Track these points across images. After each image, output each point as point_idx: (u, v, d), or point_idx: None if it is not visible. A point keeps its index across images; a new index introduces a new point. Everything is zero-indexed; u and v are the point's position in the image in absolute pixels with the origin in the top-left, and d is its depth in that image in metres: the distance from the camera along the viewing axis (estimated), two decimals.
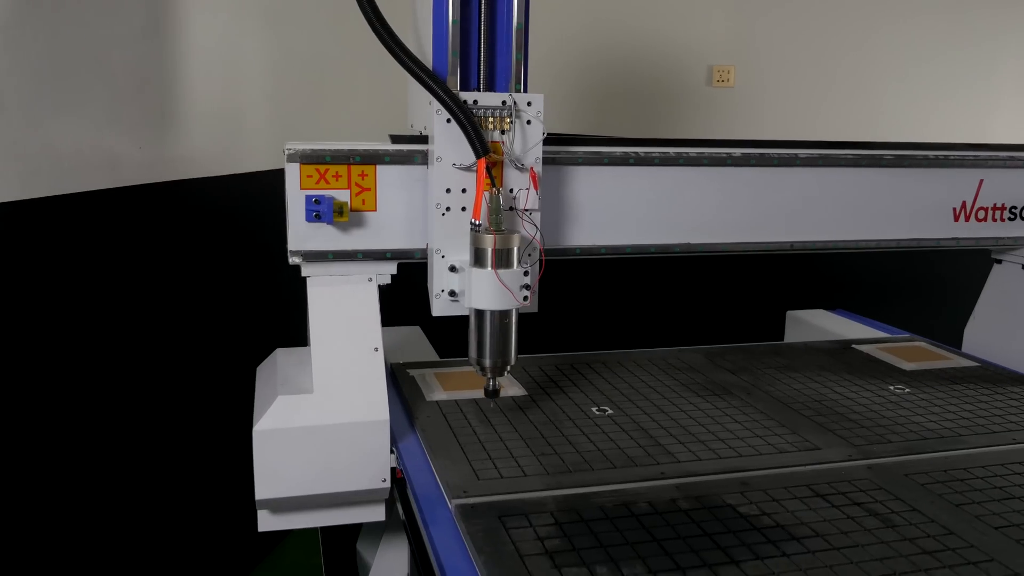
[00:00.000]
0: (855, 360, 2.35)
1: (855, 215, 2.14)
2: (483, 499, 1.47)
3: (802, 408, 1.95)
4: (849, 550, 1.34)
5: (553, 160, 1.85)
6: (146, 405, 2.72)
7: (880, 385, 2.14)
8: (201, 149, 2.89)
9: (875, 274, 4.12)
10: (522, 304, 1.65)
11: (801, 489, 1.54)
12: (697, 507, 1.46)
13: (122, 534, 2.63)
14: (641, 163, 1.94)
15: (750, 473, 1.60)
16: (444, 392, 1.97)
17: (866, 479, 1.59)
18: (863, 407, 1.97)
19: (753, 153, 2.02)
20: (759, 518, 1.43)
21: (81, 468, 2.47)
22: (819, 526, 1.41)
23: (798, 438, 1.78)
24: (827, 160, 2.07)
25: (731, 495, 1.51)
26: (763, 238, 2.08)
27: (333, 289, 1.79)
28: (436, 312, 1.76)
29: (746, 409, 1.94)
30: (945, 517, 1.45)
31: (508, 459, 1.63)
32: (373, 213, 1.78)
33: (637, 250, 1.99)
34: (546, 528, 1.37)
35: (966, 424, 1.88)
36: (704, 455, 1.68)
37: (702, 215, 2.01)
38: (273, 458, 1.63)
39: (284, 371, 1.81)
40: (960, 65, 4.18)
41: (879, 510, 1.47)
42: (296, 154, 1.72)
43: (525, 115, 1.70)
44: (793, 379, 2.17)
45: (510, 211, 1.70)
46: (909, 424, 1.88)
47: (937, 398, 2.05)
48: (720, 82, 3.69)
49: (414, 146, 1.79)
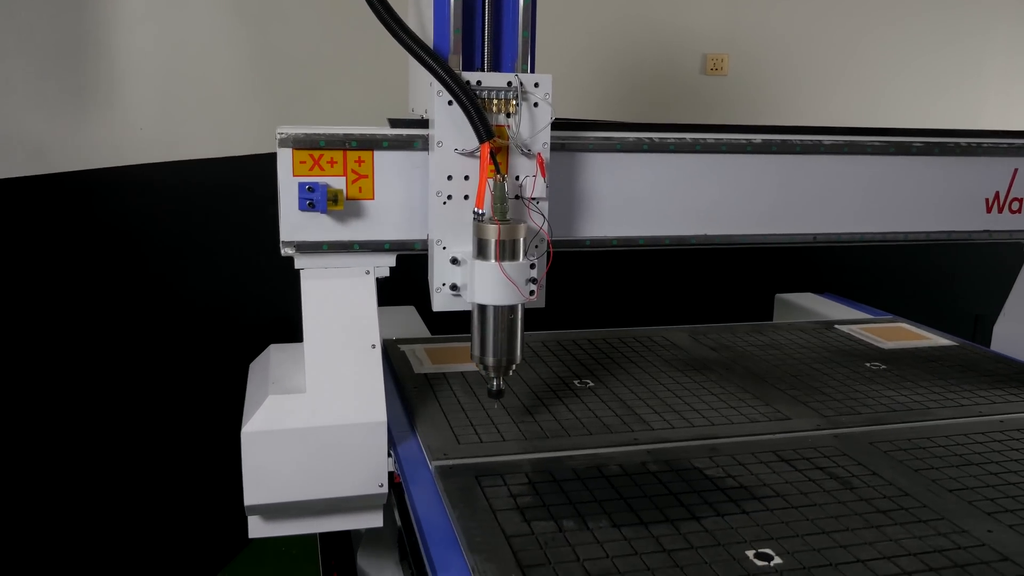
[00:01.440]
0: (835, 339, 2.42)
1: (882, 206, 2.02)
2: (462, 461, 1.55)
3: (777, 382, 2.02)
4: (806, 508, 1.41)
5: (562, 146, 1.75)
6: (125, 403, 2.77)
7: (857, 362, 2.20)
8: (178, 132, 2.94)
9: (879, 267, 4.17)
10: (528, 299, 1.57)
11: (767, 455, 1.61)
12: (665, 470, 1.53)
13: (103, 528, 2.68)
14: (656, 149, 1.82)
15: (720, 440, 1.68)
16: (432, 365, 2.05)
17: (831, 446, 1.66)
18: (837, 382, 2.04)
19: (774, 140, 1.90)
20: (723, 480, 1.50)
21: (61, 462, 2.52)
22: (780, 487, 1.48)
23: (771, 409, 1.85)
24: (853, 147, 1.95)
25: (699, 459, 1.58)
26: (784, 230, 1.96)
27: (328, 282, 1.69)
28: (437, 307, 1.67)
29: (723, 383, 2.01)
30: (903, 481, 1.52)
31: (488, 426, 1.70)
32: (370, 202, 1.68)
33: (651, 242, 1.88)
34: (519, 487, 1.45)
35: (935, 398, 1.95)
36: (677, 424, 1.75)
37: (720, 205, 1.90)
38: (263, 461, 1.55)
39: (277, 369, 1.73)
40: (951, 56, 4.22)
41: (840, 474, 1.54)
42: (288, 138, 1.62)
43: (532, 97, 1.59)
44: (772, 356, 2.23)
45: (516, 200, 1.61)
46: (880, 398, 1.94)
47: (911, 374, 2.11)
48: (714, 70, 3.75)
49: (414, 131, 1.69)
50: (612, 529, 1.32)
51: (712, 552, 1.26)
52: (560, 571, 1.20)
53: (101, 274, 2.65)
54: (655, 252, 2.02)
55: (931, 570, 1.23)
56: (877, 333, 2.47)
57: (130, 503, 2.79)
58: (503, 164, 1.60)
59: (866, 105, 4.06)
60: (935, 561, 1.26)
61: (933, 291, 4.17)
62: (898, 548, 1.29)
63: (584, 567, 1.21)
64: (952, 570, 1.23)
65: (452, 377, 1.97)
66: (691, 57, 3.73)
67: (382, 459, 1.60)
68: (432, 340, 2.28)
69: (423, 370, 2.02)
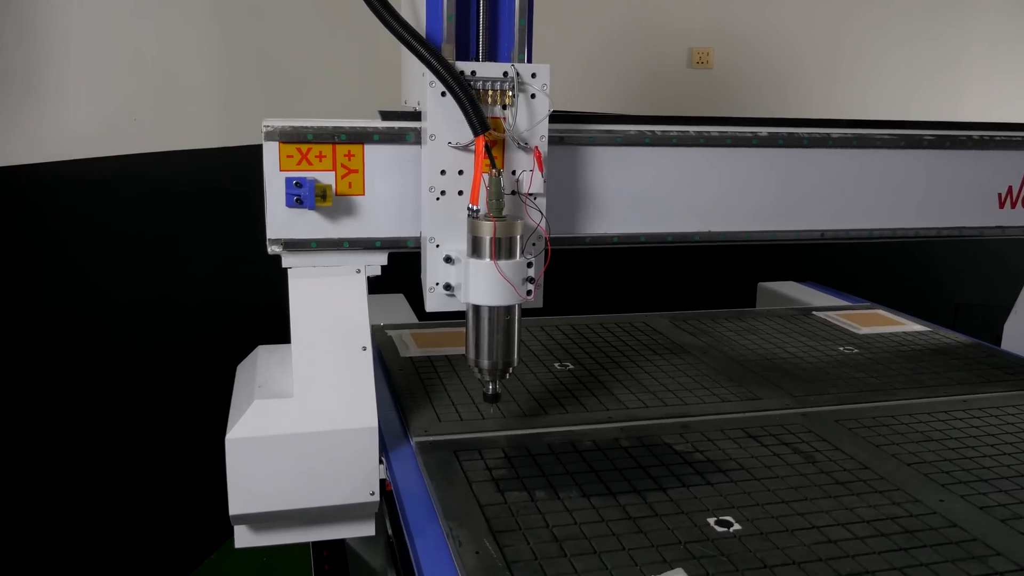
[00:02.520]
0: (812, 324, 2.48)
1: (891, 201, 1.94)
2: (441, 437, 1.61)
3: (752, 365, 2.09)
4: (769, 480, 1.48)
5: (560, 139, 1.67)
6: (109, 399, 2.82)
7: (831, 346, 2.27)
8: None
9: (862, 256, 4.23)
10: (525, 299, 1.51)
11: (736, 431, 1.68)
12: (637, 445, 1.60)
13: (79, 524, 2.71)
14: (658, 143, 1.75)
15: (691, 418, 1.74)
16: (418, 349, 2.12)
17: (798, 424, 1.73)
18: (810, 364, 2.11)
19: (781, 133, 1.84)
20: (692, 454, 1.57)
21: (38, 459, 2.57)
22: (746, 461, 1.55)
23: (743, 390, 1.91)
24: (862, 141, 1.88)
25: (670, 436, 1.65)
26: (791, 226, 1.89)
27: (317, 281, 1.62)
28: (430, 308, 1.60)
29: (699, 366, 2.07)
30: (863, 455, 1.59)
31: (469, 405, 1.77)
32: (361, 197, 1.62)
33: (653, 239, 1.81)
34: (496, 460, 1.52)
35: (903, 379, 2.01)
36: (651, 403, 1.82)
37: (724, 200, 1.83)
38: (248, 469, 1.49)
39: (264, 372, 1.67)
40: (932, 49, 4.28)
41: (804, 449, 1.61)
42: (275, 131, 1.54)
43: (529, 88, 1.52)
44: (749, 340, 2.30)
45: (512, 195, 1.54)
46: (850, 379, 2.01)
47: (882, 358, 2.18)
48: (699, 64, 3.81)
49: (406, 123, 1.62)
50: (581, 499, 1.39)
51: (675, 519, 1.33)
52: (530, 536, 1.27)
53: (86, 265, 2.71)
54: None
55: (882, 535, 1.30)
56: (853, 319, 2.54)
57: (109, 497, 2.86)
58: (499, 158, 1.53)
59: (850, 98, 4.12)
60: (886, 527, 1.32)
61: (914, 280, 4.23)
62: (852, 516, 1.36)
63: (552, 532, 1.28)
64: (902, 535, 1.30)
65: (437, 360, 2.04)
66: (677, 51, 3.80)
67: (373, 466, 1.54)
68: (418, 326, 2.35)
69: (409, 354, 2.09)
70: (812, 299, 2.91)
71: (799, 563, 1.22)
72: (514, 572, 1.17)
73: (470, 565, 1.19)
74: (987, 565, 1.22)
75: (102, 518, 2.79)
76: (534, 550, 1.23)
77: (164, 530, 3.04)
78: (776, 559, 1.23)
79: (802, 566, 1.21)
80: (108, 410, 2.78)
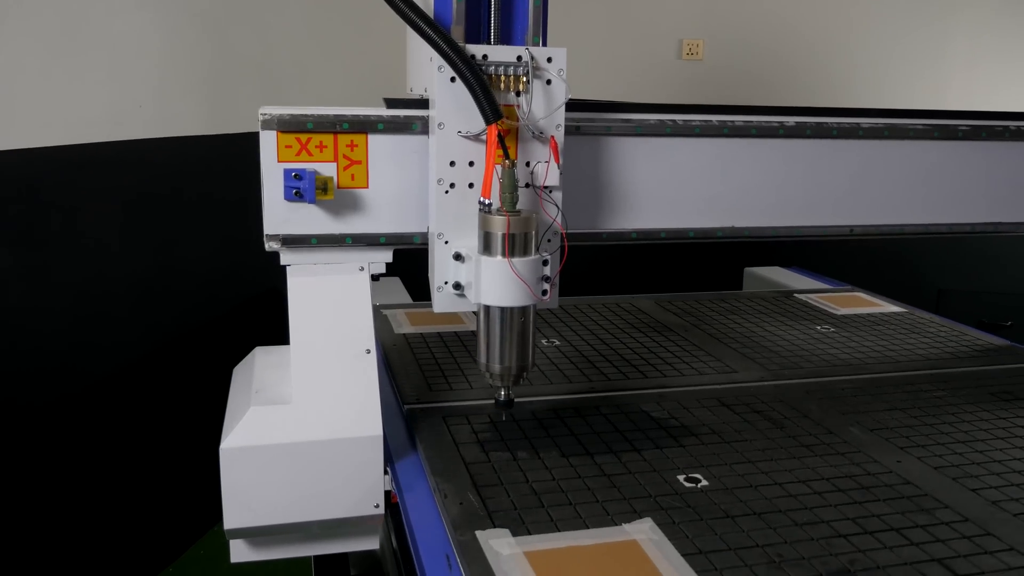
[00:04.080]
0: (793, 306, 2.57)
1: (923, 195, 1.86)
2: (431, 405, 1.71)
3: (731, 342, 2.18)
4: (738, 443, 1.57)
5: (576, 129, 1.59)
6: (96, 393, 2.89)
7: (809, 325, 2.36)
8: None
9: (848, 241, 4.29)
10: (540, 300, 1.43)
11: (711, 401, 1.78)
12: (615, 412, 1.70)
13: (50, 521, 2.72)
14: (679, 133, 1.67)
15: (668, 389, 1.84)
16: (411, 326, 2.21)
17: (770, 395, 1.82)
18: (787, 342, 2.20)
19: (809, 122, 1.75)
20: (666, 420, 1.67)
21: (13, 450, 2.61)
22: (718, 427, 1.64)
23: (721, 364, 2.01)
24: (894, 131, 1.79)
25: (647, 404, 1.74)
26: (817, 221, 1.81)
27: (317, 280, 1.54)
28: (438, 308, 1.52)
29: (681, 343, 2.17)
30: (830, 422, 1.68)
31: (459, 376, 1.86)
32: (364, 191, 1.53)
33: (673, 235, 1.73)
34: (482, 425, 1.61)
35: (875, 356, 2.11)
36: (632, 375, 1.91)
37: (748, 194, 1.75)
38: (244, 481, 1.41)
39: (261, 375, 1.59)
40: (916, 39, 4.36)
41: (773, 416, 1.70)
42: (272, 120, 1.45)
43: (545, 73, 1.44)
44: (731, 320, 2.39)
45: (526, 188, 1.46)
46: (824, 355, 2.10)
47: (857, 336, 2.27)
48: (690, 55, 3.90)
49: (413, 111, 1.53)
50: (561, 459, 1.48)
51: (647, 476, 1.43)
52: (511, 490, 1.36)
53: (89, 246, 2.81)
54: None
55: (839, 491, 1.39)
56: (833, 301, 2.63)
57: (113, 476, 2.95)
58: (512, 148, 1.45)
59: (839, 90, 4.20)
60: (844, 484, 1.42)
61: (898, 266, 4.31)
62: (813, 474, 1.45)
63: (532, 487, 1.37)
64: (858, 491, 1.39)
65: (429, 337, 2.13)
66: (667, 42, 3.88)
67: (378, 477, 1.46)
68: (413, 305, 2.44)
69: (402, 331, 2.18)
70: (796, 283, 2.99)
71: (759, 513, 1.31)
72: (495, 520, 1.27)
73: (454, 514, 1.28)
74: (934, 516, 1.32)
75: (105, 495, 2.88)
76: (514, 502, 1.33)
77: (159, 515, 3.14)
78: (739, 510, 1.32)
79: (762, 516, 1.30)
80: (110, 389, 2.87)
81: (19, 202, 2.55)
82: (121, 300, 2.89)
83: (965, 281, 3.92)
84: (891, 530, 1.27)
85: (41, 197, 2.60)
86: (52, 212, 2.63)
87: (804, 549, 1.21)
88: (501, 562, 1.16)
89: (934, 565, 1.18)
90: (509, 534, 1.23)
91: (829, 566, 1.17)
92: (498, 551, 1.18)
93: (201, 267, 3.22)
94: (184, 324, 3.15)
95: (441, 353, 2.01)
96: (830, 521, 1.29)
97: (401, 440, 1.60)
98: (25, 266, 2.57)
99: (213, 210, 3.24)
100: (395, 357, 1.97)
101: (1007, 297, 3.88)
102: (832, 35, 4.20)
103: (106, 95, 2.79)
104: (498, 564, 1.15)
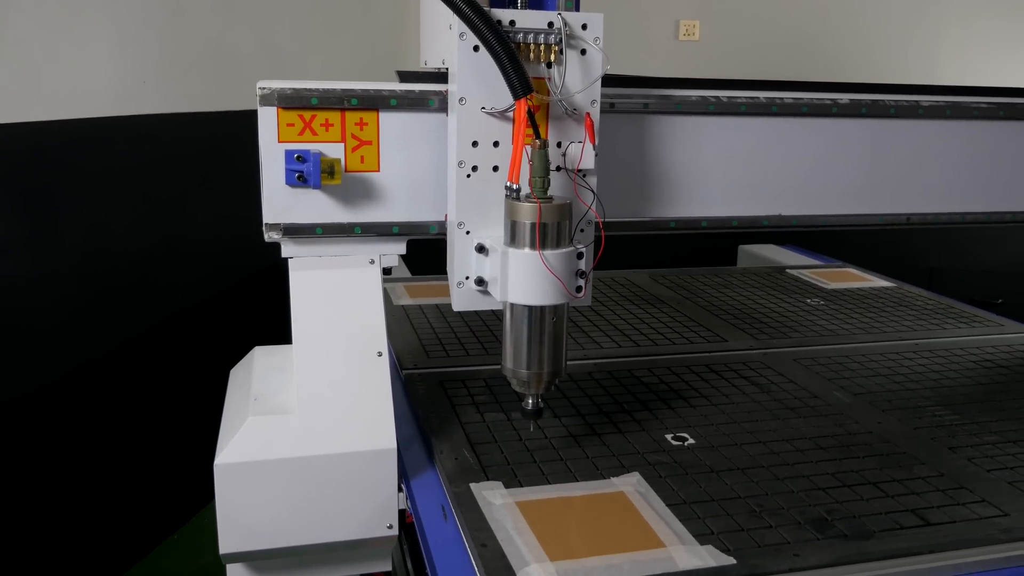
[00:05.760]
0: (784, 280, 2.63)
1: (985, 180, 1.72)
2: (429, 370, 1.76)
3: (722, 314, 2.23)
4: (725, 406, 1.63)
5: (611, 106, 1.45)
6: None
7: (799, 299, 2.41)
8: None
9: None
10: (575, 297, 1.28)
11: (700, 368, 1.83)
12: (607, 378, 1.75)
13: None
14: (724, 111, 1.53)
15: (660, 357, 1.89)
16: (410, 299, 2.26)
17: (758, 362, 1.88)
18: (777, 314, 2.25)
19: (864, 100, 1.60)
20: (657, 385, 1.72)
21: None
22: (706, 391, 1.70)
23: (711, 334, 2.06)
24: (957, 110, 1.65)
25: (639, 370, 1.80)
26: (873, 209, 1.67)
27: (323, 274, 1.41)
28: (459, 307, 1.38)
29: (673, 314, 2.22)
30: (815, 387, 1.73)
31: (455, 344, 1.92)
32: (375, 174, 1.39)
33: (716, 224, 1.59)
34: (478, 389, 1.67)
35: (863, 327, 2.16)
36: (624, 344, 1.97)
37: (798, 180, 1.61)
38: (241, 500, 1.27)
39: (261, 380, 1.46)
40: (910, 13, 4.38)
41: (760, 381, 1.76)
42: (272, 94, 1.31)
43: (579, 42, 1.29)
44: (723, 294, 2.44)
45: (558, 172, 1.32)
46: (813, 326, 2.15)
47: (845, 309, 2.32)
48: (686, 36, 3.93)
49: (429, 85, 1.39)
50: (553, 419, 1.54)
51: (636, 435, 1.48)
52: (504, 447, 1.42)
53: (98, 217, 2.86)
54: None
55: (820, 448, 1.45)
56: (823, 276, 2.68)
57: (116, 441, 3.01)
58: (543, 127, 1.31)
59: (834, 66, 4.23)
60: (825, 443, 1.47)
61: (891, 245, 4.35)
62: (796, 433, 1.51)
63: (525, 444, 1.43)
64: (838, 448, 1.45)
65: (427, 308, 2.18)
66: (664, 23, 3.91)
67: (391, 494, 1.32)
68: (412, 279, 2.49)
69: (401, 302, 2.23)
70: (790, 260, 3.04)
71: (743, 468, 1.36)
72: (488, 474, 1.32)
73: (449, 468, 1.34)
74: (911, 472, 1.37)
75: (106, 468, 2.95)
76: (507, 457, 1.38)
77: (162, 486, 3.20)
78: (723, 465, 1.37)
79: (745, 471, 1.36)
80: (118, 360, 2.93)
81: (27, 174, 2.60)
82: (126, 274, 2.95)
83: (957, 260, 3.95)
84: (868, 484, 1.33)
85: (47, 170, 2.65)
86: (57, 185, 2.68)
87: (784, 500, 1.27)
88: (493, 511, 1.21)
89: (908, 515, 1.24)
90: (502, 486, 1.28)
91: (807, 515, 1.22)
92: (491, 501, 1.24)
93: (206, 239, 3.27)
94: (189, 297, 3.20)
95: (439, 323, 2.06)
96: (810, 476, 1.35)
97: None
98: (31, 237, 2.63)
99: (217, 187, 3.28)
100: (393, 327, 2.02)
101: (999, 276, 3.92)
102: (828, 14, 4.23)
103: (111, 71, 2.83)
104: (491, 513, 1.21)
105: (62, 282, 2.72)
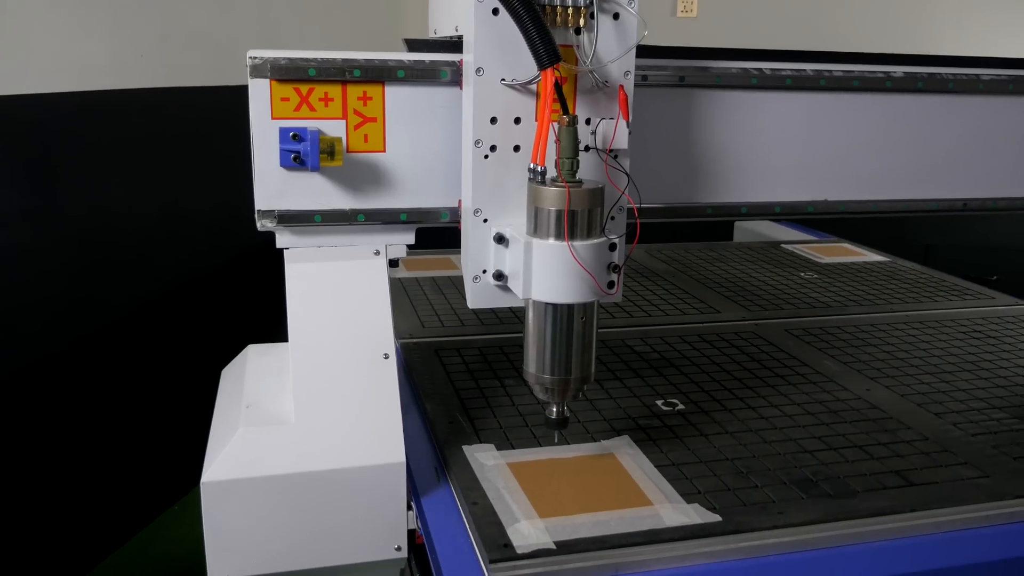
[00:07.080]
0: (779, 255, 2.64)
1: None
2: (424, 340, 1.78)
3: (716, 287, 2.25)
4: (716, 373, 1.65)
5: (643, 79, 1.31)
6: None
7: (793, 272, 2.43)
8: None
9: None
10: (607, 294, 1.14)
11: (693, 338, 1.85)
12: (600, 347, 1.75)
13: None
14: (767, 85, 1.40)
15: (653, 327, 1.91)
16: (407, 272, 2.28)
17: (750, 332, 1.90)
18: (770, 287, 2.27)
19: (920, 73, 1.47)
20: (649, 354, 1.74)
21: None
22: (697, 359, 1.72)
23: (704, 306, 2.08)
24: (1020, 85, 1.52)
25: (632, 340, 1.82)
26: (927, 194, 1.56)
27: (323, 267, 1.29)
28: (474, 303, 1.25)
29: (668, 287, 2.24)
30: (805, 355, 1.76)
31: (451, 315, 1.94)
32: (381, 155, 1.26)
33: (756, 210, 1.48)
34: (472, 357, 1.69)
35: (855, 300, 2.18)
36: (618, 315, 1.99)
37: (845, 161, 1.49)
38: (232, 521, 1.14)
39: (254, 383, 1.33)
40: None
41: (750, 350, 1.78)
42: (264, 64, 1.18)
43: (612, 5, 1.15)
44: (717, 267, 2.46)
45: (586, 152, 1.18)
46: (806, 299, 2.17)
47: (838, 282, 2.34)
48: (684, 12, 3.93)
49: (441, 55, 1.24)
50: None
51: (627, 401, 1.50)
52: (497, 412, 1.44)
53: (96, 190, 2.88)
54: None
55: (809, 414, 1.47)
56: (818, 250, 2.70)
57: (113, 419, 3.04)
58: (571, 101, 1.17)
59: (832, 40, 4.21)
60: (813, 408, 1.50)
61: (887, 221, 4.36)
62: (785, 400, 1.53)
63: (518, 409, 1.45)
64: (827, 414, 1.47)
65: (424, 281, 2.21)
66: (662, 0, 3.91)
67: (400, 513, 1.20)
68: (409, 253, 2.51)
69: (398, 275, 2.25)
70: (785, 235, 3.06)
71: (731, 432, 1.39)
72: (481, 437, 1.35)
73: (443, 432, 1.36)
74: (896, 436, 1.39)
75: (102, 439, 2.98)
76: (500, 422, 1.40)
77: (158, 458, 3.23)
78: (712, 430, 1.40)
79: (734, 435, 1.38)
80: (118, 331, 2.96)
81: (28, 146, 2.61)
82: (125, 249, 2.96)
83: (953, 237, 3.97)
84: (854, 447, 1.35)
85: (47, 142, 2.67)
86: (56, 156, 2.70)
87: (771, 462, 1.29)
88: (485, 472, 1.24)
89: (891, 475, 1.26)
90: (494, 448, 1.31)
91: (792, 476, 1.25)
92: (483, 462, 1.26)
93: (205, 211, 3.28)
94: (188, 271, 3.22)
95: (435, 296, 2.08)
96: (798, 439, 1.37)
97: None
98: (32, 208, 2.64)
99: (214, 161, 3.29)
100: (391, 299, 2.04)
101: (994, 252, 3.94)
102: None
103: (109, 44, 2.84)
104: (483, 473, 1.23)
105: (60, 254, 2.74)
